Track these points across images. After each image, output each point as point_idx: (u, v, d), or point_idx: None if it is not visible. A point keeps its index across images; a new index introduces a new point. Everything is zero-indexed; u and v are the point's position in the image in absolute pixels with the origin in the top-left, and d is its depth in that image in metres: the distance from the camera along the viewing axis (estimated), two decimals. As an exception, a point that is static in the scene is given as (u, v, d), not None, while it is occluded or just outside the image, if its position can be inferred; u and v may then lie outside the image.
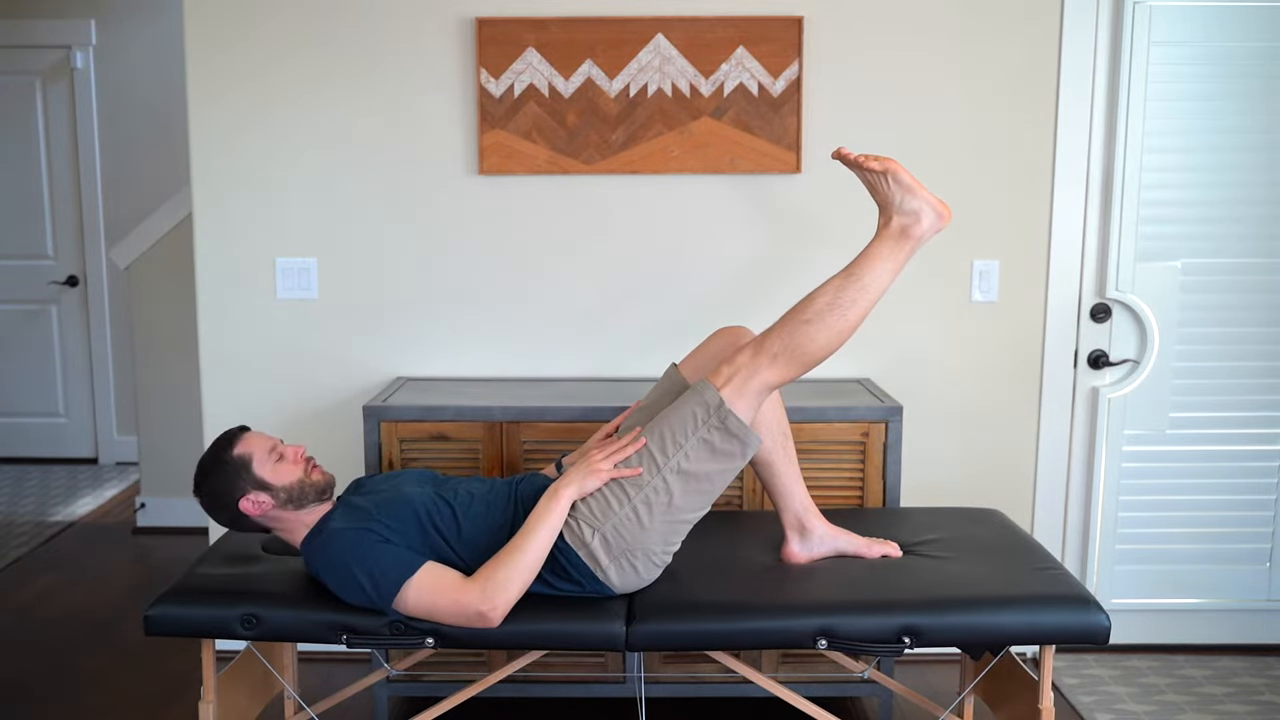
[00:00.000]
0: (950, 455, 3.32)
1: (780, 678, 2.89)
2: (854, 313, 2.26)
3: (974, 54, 3.19)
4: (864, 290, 2.26)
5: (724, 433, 2.25)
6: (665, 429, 2.29)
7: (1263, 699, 3.13)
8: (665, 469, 2.26)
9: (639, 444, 2.29)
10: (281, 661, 2.71)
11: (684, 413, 2.28)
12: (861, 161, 2.29)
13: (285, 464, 2.32)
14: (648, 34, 3.14)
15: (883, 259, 2.28)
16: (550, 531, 2.24)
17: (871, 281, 2.27)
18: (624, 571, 2.29)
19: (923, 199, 2.28)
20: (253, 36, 3.19)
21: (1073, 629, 2.23)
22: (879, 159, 2.28)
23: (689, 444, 2.26)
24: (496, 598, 2.17)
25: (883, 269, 2.28)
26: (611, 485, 2.28)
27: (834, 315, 2.25)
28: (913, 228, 2.29)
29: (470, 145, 3.23)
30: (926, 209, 2.29)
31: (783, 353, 2.25)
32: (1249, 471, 3.34)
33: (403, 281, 3.28)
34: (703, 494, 2.30)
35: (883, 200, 2.31)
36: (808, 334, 2.25)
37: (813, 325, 2.25)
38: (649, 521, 2.27)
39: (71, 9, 5.49)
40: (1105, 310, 3.28)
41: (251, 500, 2.31)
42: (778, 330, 2.27)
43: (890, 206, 2.30)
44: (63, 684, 3.27)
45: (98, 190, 5.61)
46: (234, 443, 2.34)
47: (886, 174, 2.28)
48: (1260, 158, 3.21)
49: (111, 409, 5.76)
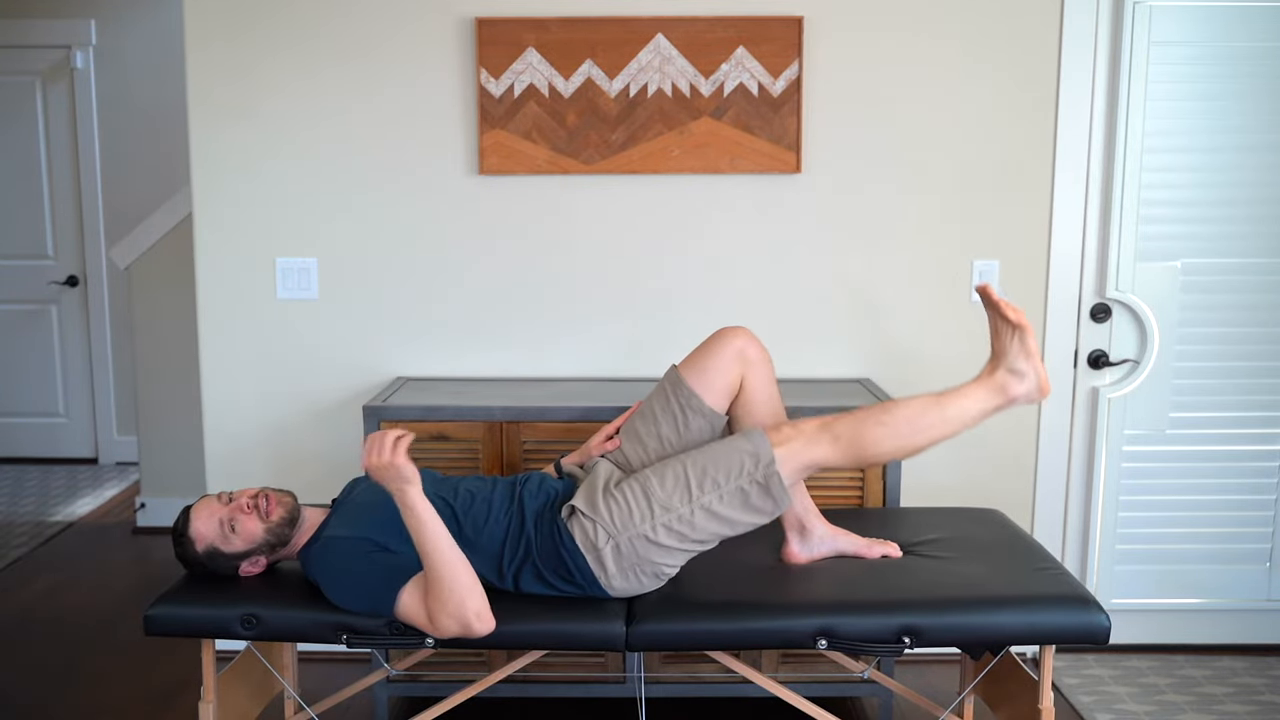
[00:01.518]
0: (950, 455, 3.32)
1: (780, 678, 2.89)
2: (923, 438, 2.28)
3: (974, 54, 3.19)
4: (944, 422, 2.29)
5: (763, 490, 2.27)
6: (709, 463, 2.29)
7: (1263, 699, 3.13)
8: (696, 503, 2.27)
9: (409, 437, 2.18)
10: (281, 661, 2.71)
11: (733, 456, 2.28)
12: (1001, 306, 2.30)
13: (242, 525, 2.32)
14: (648, 34, 3.14)
15: (973, 401, 2.31)
16: (431, 534, 2.15)
17: (954, 417, 2.29)
18: (628, 580, 2.30)
19: (1034, 367, 2.31)
20: (252, 37, 3.19)
21: (1073, 629, 2.23)
22: (1017, 311, 2.30)
23: (726, 488, 2.27)
24: (466, 606, 2.14)
25: (968, 411, 2.30)
26: (638, 499, 2.28)
27: (907, 431, 2.28)
28: (1012, 387, 2.31)
29: (470, 145, 3.23)
30: (1032, 377, 2.31)
31: (846, 439, 2.27)
32: (1249, 471, 3.34)
33: (403, 281, 3.28)
34: (720, 534, 2.32)
35: (999, 349, 2.33)
36: (876, 435, 2.27)
37: (885, 430, 2.27)
38: (665, 542, 2.28)
39: (71, 9, 5.49)
40: (1105, 310, 3.28)
41: (246, 566, 2.36)
42: (851, 417, 2.30)
43: (1003, 358, 2.32)
44: (63, 684, 3.27)
45: (98, 190, 5.61)
46: (193, 542, 2.33)
47: (1018, 330, 2.30)
48: (1260, 158, 3.21)
49: (111, 409, 5.77)
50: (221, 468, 3.33)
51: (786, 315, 3.27)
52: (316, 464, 3.30)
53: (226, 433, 3.34)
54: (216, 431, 3.34)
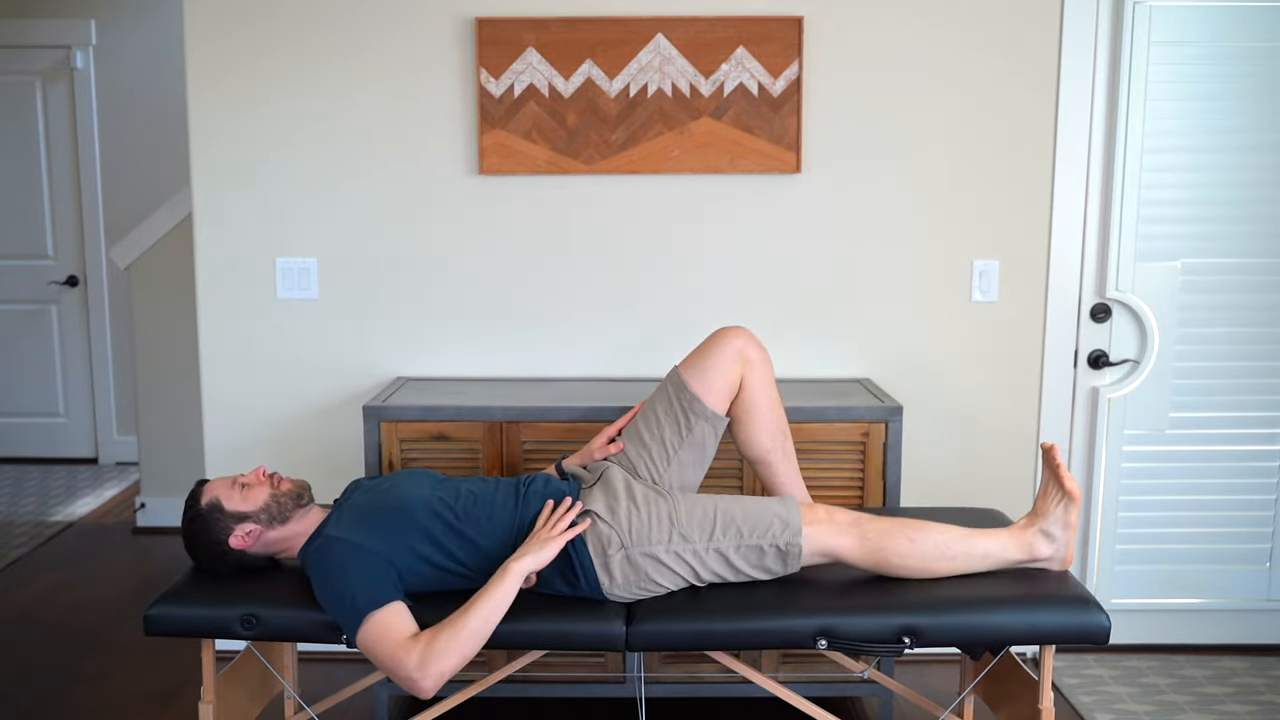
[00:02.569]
0: (950, 455, 3.32)
1: (780, 678, 2.89)
2: (944, 567, 2.33)
3: (974, 54, 3.19)
4: (968, 557, 2.34)
5: (780, 556, 2.31)
6: (740, 515, 2.33)
7: (1263, 699, 3.13)
8: (713, 545, 2.31)
9: (584, 525, 2.29)
10: (281, 661, 2.71)
11: (764, 516, 2.32)
12: (1061, 471, 2.34)
13: (251, 489, 2.35)
14: (648, 34, 3.14)
15: (1000, 547, 2.36)
16: (499, 605, 2.17)
17: (980, 555, 2.34)
18: (628, 589, 2.32)
19: (1068, 539, 2.37)
20: (252, 37, 3.19)
21: (1073, 629, 2.23)
22: (1073, 481, 2.35)
23: (747, 541, 2.30)
24: (430, 666, 2.11)
25: (992, 553, 2.35)
26: (661, 520, 2.31)
27: (933, 556, 2.33)
28: (1039, 547, 2.36)
29: (470, 145, 3.23)
30: (1062, 548, 2.37)
31: (872, 540, 2.32)
32: (1249, 471, 3.34)
33: (403, 281, 3.28)
34: (721, 578, 2.34)
35: (1043, 509, 2.37)
36: (901, 549, 2.32)
37: (912, 546, 2.32)
38: (672, 567, 2.31)
39: (71, 9, 5.49)
40: (1105, 310, 3.28)
41: (239, 535, 2.34)
42: (885, 523, 2.35)
43: (1042, 519, 2.37)
44: (63, 684, 3.27)
45: (98, 190, 5.61)
46: (199, 496, 2.37)
47: (1067, 499, 2.34)
48: (1261, 158, 3.21)
49: (111, 409, 5.77)
50: (221, 468, 3.32)
51: (786, 315, 3.27)
52: (317, 464, 3.30)
53: (226, 433, 3.34)
54: (216, 432, 3.34)
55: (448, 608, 2.19)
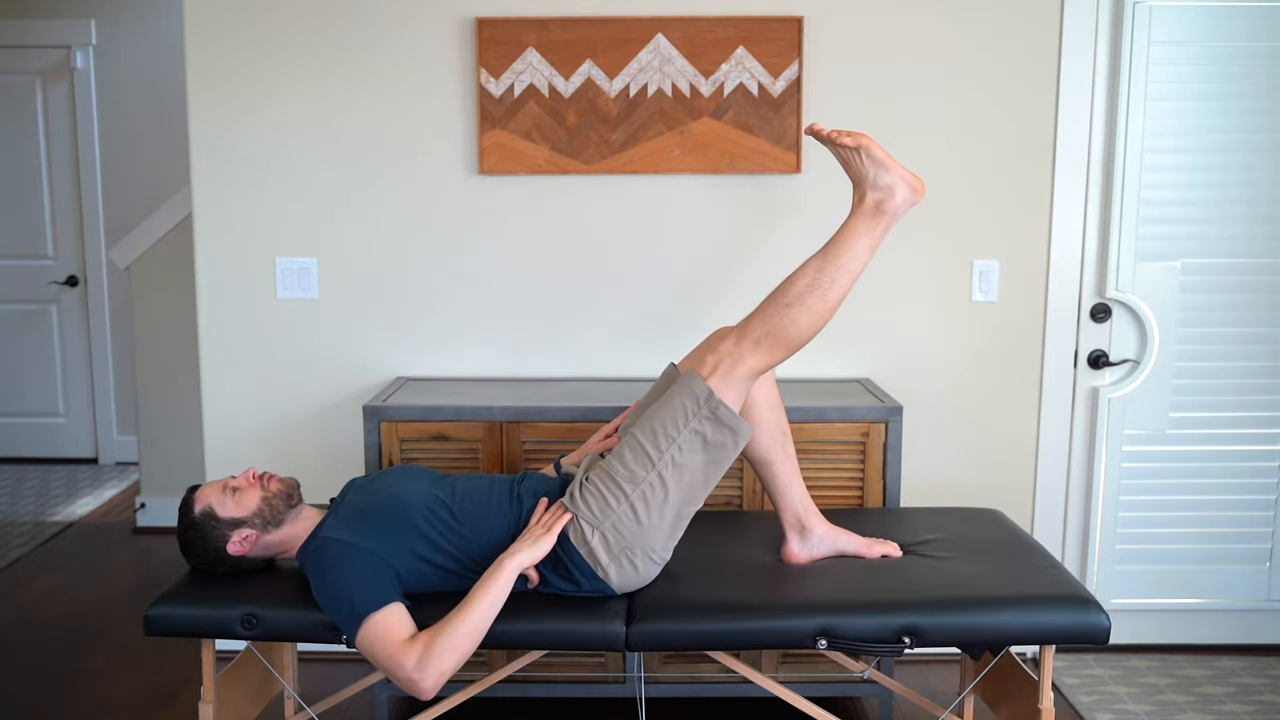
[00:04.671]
0: (950, 455, 3.33)
1: (780, 678, 2.89)
2: (834, 293, 2.27)
3: (973, 54, 3.19)
4: (842, 269, 2.27)
5: (715, 423, 2.25)
6: (656, 424, 2.28)
7: (1263, 699, 3.13)
8: (660, 464, 2.25)
9: (567, 517, 2.27)
10: (281, 661, 2.71)
11: (674, 406, 2.27)
12: (834, 137, 2.30)
13: (242, 493, 2.33)
14: (648, 34, 3.14)
15: (859, 236, 2.29)
16: (495, 602, 2.17)
17: (850, 260, 2.28)
18: (623, 570, 2.29)
19: (897, 174, 2.29)
20: (253, 37, 3.19)
21: (1072, 629, 2.23)
22: (851, 134, 2.29)
23: (681, 437, 2.25)
24: (429, 667, 2.11)
25: (859, 246, 2.29)
26: (608, 483, 2.27)
27: (814, 297, 2.26)
28: (887, 203, 2.29)
29: (470, 145, 3.23)
30: (901, 183, 2.29)
31: (765, 338, 2.26)
32: (1249, 471, 3.34)
33: (403, 281, 3.28)
34: (697, 486, 2.30)
35: (857, 176, 2.32)
36: (789, 317, 2.26)
37: (794, 308, 2.26)
38: (647, 519, 2.26)
39: (71, 9, 5.49)
40: (1105, 310, 3.28)
41: (236, 541, 2.33)
42: (759, 316, 2.28)
43: (864, 183, 2.31)
44: (63, 684, 3.27)
45: (98, 190, 5.61)
46: (191, 504, 2.35)
47: (860, 149, 2.29)
48: (1260, 158, 3.21)
49: (111, 409, 5.77)
50: (221, 468, 3.33)
51: (786, 315, 3.27)
52: (316, 464, 3.30)
53: (226, 433, 3.34)
54: (216, 431, 3.34)
55: (446, 606, 2.19)
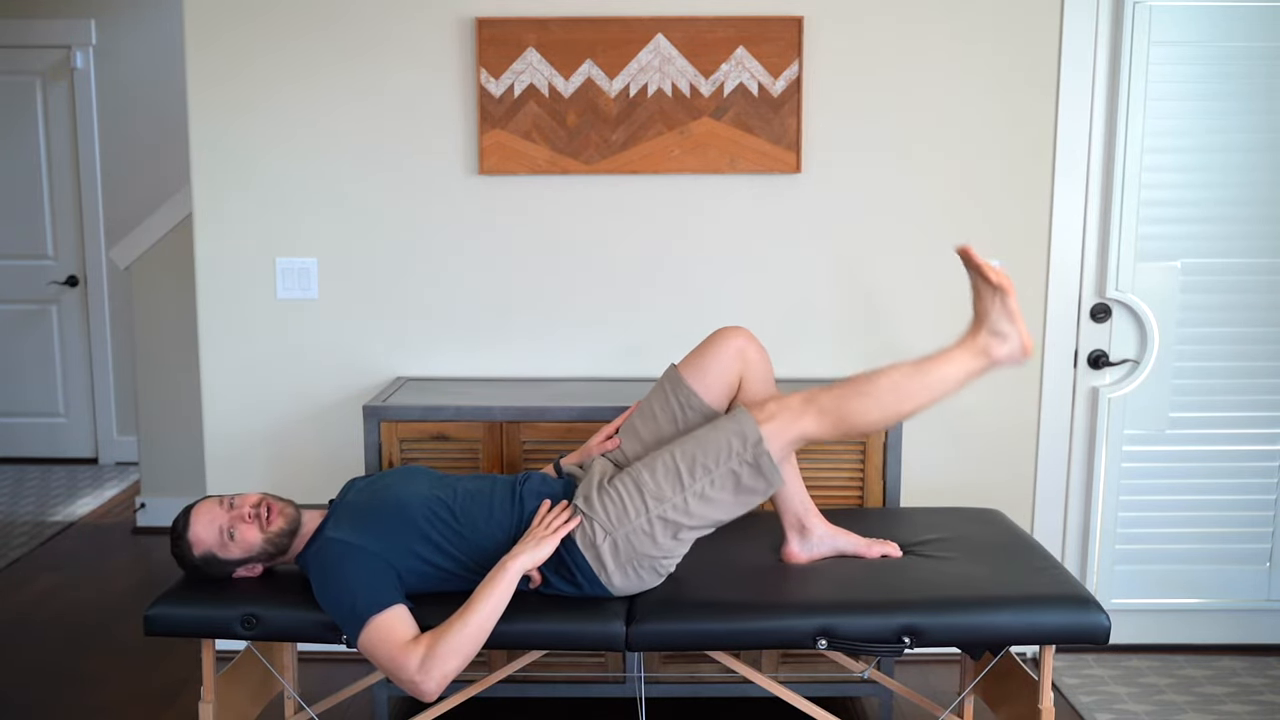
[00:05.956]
0: (950, 455, 3.32)
1: (780, 678, 2.89)
2: (909, 406, 2.28)
3: (973, 54, 3.19)
4: (927, 389, 2.28)
5: (754, 470, 2.26)
6: (698, 451, 2.28)
7: (1263, 699, 3.13)
8: (689, 491, 2.26)
9: (574, 521, 2.28)
10: (281, 661, 2.71)
11: (719, 440, 2.27)
12: (983, 268, 2.29)
13: (240, 535, 2.31)
14: (648, 34, 3.14)
15: (956, 366, 2.30)
16: (498, 604, 2.17)
17: (937, 383, 2.28)
18: (628, 577, 2.30)
19: (1017, 329, 2.30)
20: (252, 36, 3.19)
21: (1072, 629, 2.23)
22: (999, 273, 2.29)
23: (717, 471, 2.26)
24: (432, 669, 2.11)
25: (951, 376, 2.29)
26: (631, 493, 2.27)
27: (891, 400, 2.27)
28: (995, 349, 2.30)
29: (470, 145, 3.23)
30: (1015, 339, 2.31)
31: (831, 413, 2.27)
32: (1249, 471, 3.34)
33: (403, 281, 3.28)
34: (716, 520, 2.32)
35: (981, 311, 2.32)
36: (862, 406, 2.27)
37: (869, 400, 2.27)
38: (661, 537, 2.27)
39: (71, 9, 5.49)
40: (1105, 310, 3.28)
41: (242, 572, 2.37)
42: (836, 390, 2.29)
43: (985, 320, 2.32)
44: (63, 684, 3.27)
45: (98, 190, 5.61)
46: (189, 547, 2.33)
47: (1000, 291, 2.29)
48: (1260, 158, 3.21)
49: (111, 409, 5.77)
50: (221, 468, 3.33)
51: (786, 315, 3.27)
52: (316, 464, 3.30)
53: (226, 433, 3.34)
54: (216, 432, 3.34)
55: (447, 607, 2.19)
